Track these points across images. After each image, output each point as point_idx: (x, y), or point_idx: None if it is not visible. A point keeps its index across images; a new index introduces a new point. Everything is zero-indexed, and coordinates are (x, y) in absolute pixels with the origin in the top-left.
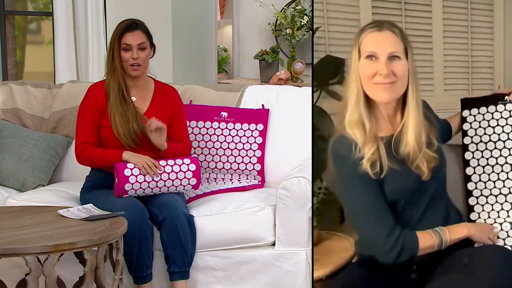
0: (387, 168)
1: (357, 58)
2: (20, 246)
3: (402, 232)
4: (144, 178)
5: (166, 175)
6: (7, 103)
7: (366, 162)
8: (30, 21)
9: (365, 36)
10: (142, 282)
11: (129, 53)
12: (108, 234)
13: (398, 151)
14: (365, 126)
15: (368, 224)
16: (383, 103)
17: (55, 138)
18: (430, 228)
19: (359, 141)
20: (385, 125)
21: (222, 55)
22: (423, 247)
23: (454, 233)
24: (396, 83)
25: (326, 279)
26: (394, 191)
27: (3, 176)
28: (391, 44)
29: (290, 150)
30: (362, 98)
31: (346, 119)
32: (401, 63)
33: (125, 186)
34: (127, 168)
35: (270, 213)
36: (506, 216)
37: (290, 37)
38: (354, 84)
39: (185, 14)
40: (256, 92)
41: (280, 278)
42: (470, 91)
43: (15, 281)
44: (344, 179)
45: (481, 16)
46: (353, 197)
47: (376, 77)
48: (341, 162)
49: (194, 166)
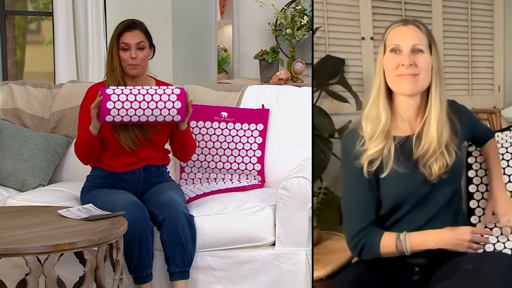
0: (391, 169)
1: (382, 52)
2: (20, 246)
3: (367, 234)
4: (126, 97)
5: (149, 96)
6: (7, 103)
7: (366, 158)
8: (30, 21)
9: (391, 30)
10: (142, 282)
11: (127, 53)
12: (108, 234)
13: (412, 152)
14: (380, 121)
15: (346, 217)
16: (406, 95)
17: (55, 138)
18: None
19: (367, 135)
20: (402, 125)
21: (222, 55)
22: (385, 252)
23: (418, 244)
24: (419, 76)
25: (326, 279)
26: (396, 194)
27: (3, 176)
28: (414, 37)
29: (290, 150)
30: (383, 91)
31: (364, 111)
32: (424, 56)
33: (107, 104)
34: (109, 88)
35: (270, 213)
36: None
37: (290, 37)
38: (377, 78)
39: (185, 14)
40: (256, 92)
41: (280, 278)
42: (470, 91)
43: (15, 281)
44: (343, 169)
45: (481, 16)
46: (345, 189)
47: (399, 69)
48: (346, 153)
49: (178, 90)
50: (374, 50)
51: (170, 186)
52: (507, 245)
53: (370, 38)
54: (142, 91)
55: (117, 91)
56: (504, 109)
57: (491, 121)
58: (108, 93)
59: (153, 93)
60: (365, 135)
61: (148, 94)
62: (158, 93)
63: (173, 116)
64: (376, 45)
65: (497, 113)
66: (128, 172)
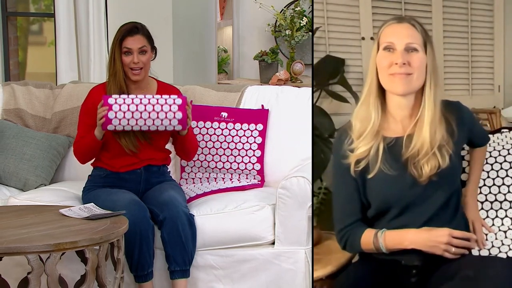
0: (378, 170)
1: (375, 50)
2: (22, 245)
3: (351, 230)
4: (128, 107)
5: (150, 106)
6: (9, 104)
7: (353, 157)
8: (32, 22)
9: (385, 28)
10: (143, 280)
11: (129, 57)
12: (110, 233)
13: (401, 154)
14: (369, 121)
15: (335, 211)
16: (399, 94)
17: (57, 138)
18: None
19: (356, 134)
20: (394, 125)
21: (222, 55)
22: (365, 248)
23: (394, 243)
24: (412, 76)
25: (326, 279)
26: (382, 195)
27: (6, 175)
28: (409, 36)
29: (289, 150)
30: (374, 90)
31: (355, 110)
32: (418, 55)
33: (108, 113)
34: (111, 98)
35: (269, 212)
36: (511, 223)
37: (289, 38)
38: (369, 76)
39: (185, 15)
40: (256, 92)
41: (279, 276)
42: (470, 91)
43: (17, 279)
44: (333, 167)
45: (481, 16)
46: (333, 185)
47: (392, 67)
48: (334, 151)
49: (180, 100)
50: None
51: (170, 185)
52: (509, 254)
53: (370, 38)
54: (144, 101)
55: (119, 101)
56: (504, 109)
57: (491, 121)
58: (110, 102)
59: (154, 103)
60: (354, 134)
61: (149, 104)
62: (160, 103)
63: (174, 125)
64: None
65: (497, 113)
66: (129, 172)
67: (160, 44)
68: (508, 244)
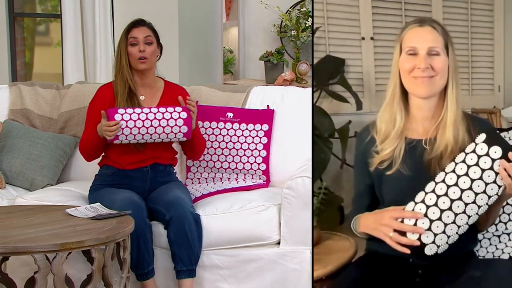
0: (396, 169)
1: (398, 54)
2: (29, 244)
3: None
4: (134, 124)
5: (156, 122)
6: (16, 104)
7: (378, 159)
8: (39, 23)
9: (407, 31)
10: (145, 278)
11: (135, 47)
12: (116, 232)
13: (420, 156)
14: (394, 123)
15: (352, 199)
16: (422, 97)
17: (64, 138)
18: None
19: (381, 137)
20: (416, 127)
21: (228, 56)
22: (358, 232)
23: (358, 227)
24: (435, 78)
25: (326, 279)
26: (394, 194)
27: (12, 175)
28: (431, 39)
29: (294, 150)
30: (398, 93)
31: (379, 112)
32: (441, 59)
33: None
34: (117, 113)
35: (275, 212)
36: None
37: (295, 39)
38: (392, 79)
39: (191, 15)
40: (261, 92)
41: (285, 276)
42: (470, 91)
43: (24, 279)
44: (356, 156)
45: (481, 16)
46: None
47: (415, 71)
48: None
49: (185, 114)
50: (374, 50)
51: (176, 185)
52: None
53: (370, 38)
54: (150, 116)
55: (126, 117)
56: (504, 109)
57: (491, 121)
58: (116, 119)
59: (160, 118)
60: (379, 137)
61: (155, 119)
62: (165, 117)
63: (179, 138)
64: (376, 45)
65: (497, 113)
66: (136, 170)
67: (166, 45)
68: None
